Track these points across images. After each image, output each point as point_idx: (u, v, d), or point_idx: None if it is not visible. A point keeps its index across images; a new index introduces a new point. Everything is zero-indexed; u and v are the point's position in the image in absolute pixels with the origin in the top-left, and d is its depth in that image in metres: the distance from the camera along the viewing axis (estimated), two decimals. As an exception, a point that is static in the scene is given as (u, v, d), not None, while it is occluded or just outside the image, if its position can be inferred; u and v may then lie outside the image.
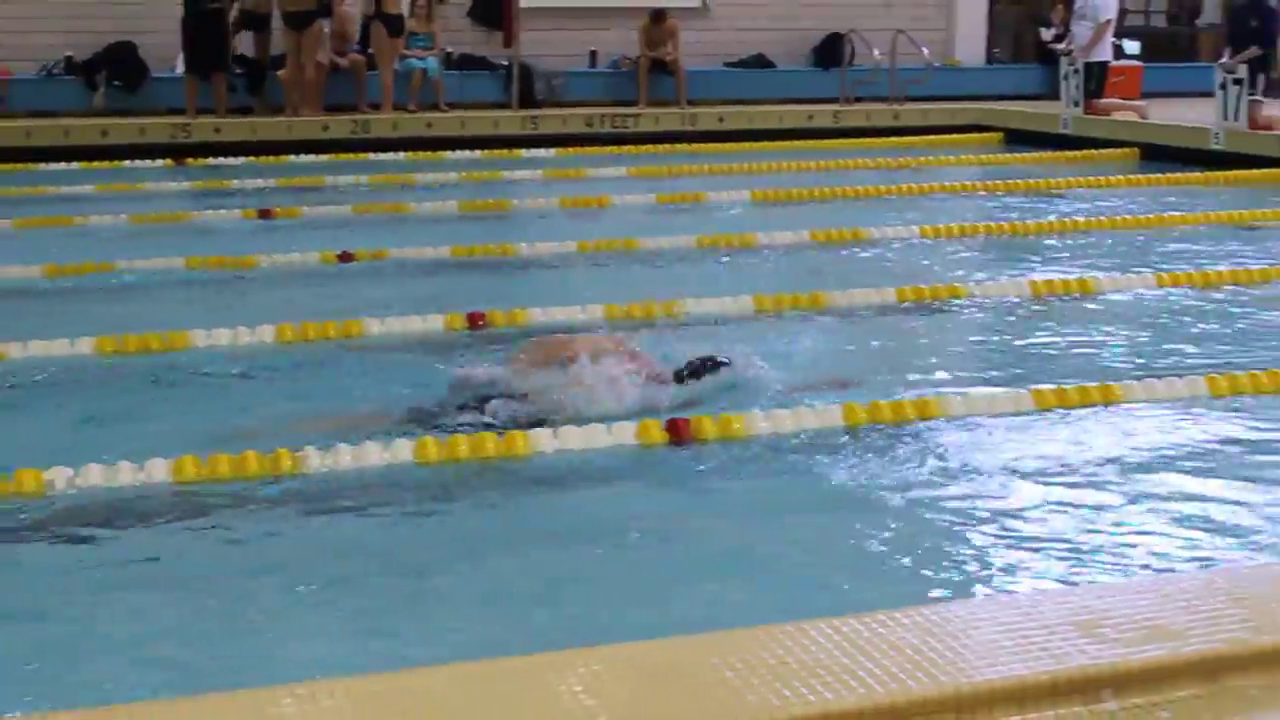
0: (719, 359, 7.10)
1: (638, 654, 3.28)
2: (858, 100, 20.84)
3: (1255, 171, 15.79)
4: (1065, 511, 5.66)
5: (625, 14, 21.04)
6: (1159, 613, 3.48)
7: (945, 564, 5.15)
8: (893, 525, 5.56)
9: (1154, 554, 5.25)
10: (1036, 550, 5.27)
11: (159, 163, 17.05)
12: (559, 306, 8.84)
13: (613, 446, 6.34)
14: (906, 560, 5.20)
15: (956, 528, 5.48)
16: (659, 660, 3.23)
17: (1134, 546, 5.31)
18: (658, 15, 20.58)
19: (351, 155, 17.35)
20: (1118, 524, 5.53)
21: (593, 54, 21.61)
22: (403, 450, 6.15)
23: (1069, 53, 19.37)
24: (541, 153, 17.92)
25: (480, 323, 8.60)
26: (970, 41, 23.31)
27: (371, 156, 17.34)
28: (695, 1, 22.01)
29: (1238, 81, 16.73)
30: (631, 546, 5.38)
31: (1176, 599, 3.57)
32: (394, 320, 8.56)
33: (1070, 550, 5.26)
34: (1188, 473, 6.12)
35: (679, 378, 6.99)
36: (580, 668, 3.17)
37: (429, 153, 17.61)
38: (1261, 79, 16.95)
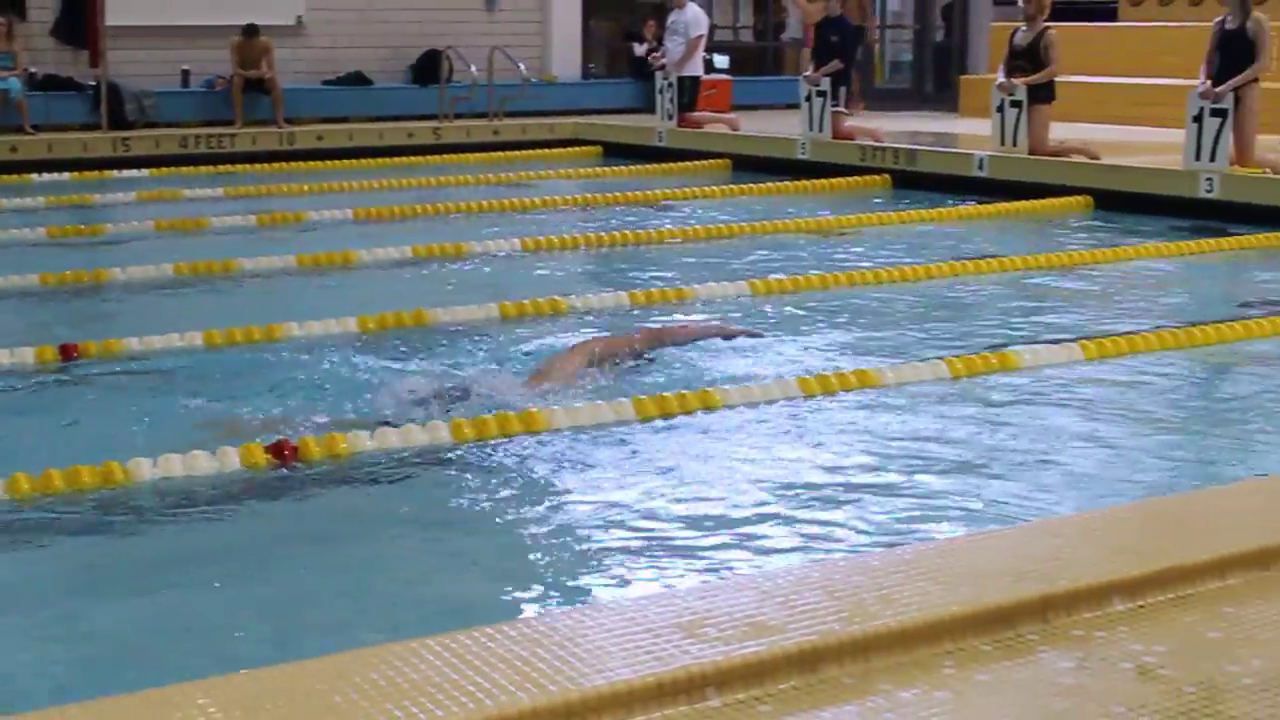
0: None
1: (245, 684, 3.22)
2: (457, 116, 20.88)
3: (839, 180, 16.48)
4: (669, 515, 5.79)
5: (216, 32, 20.54)
6: (758, 609, 3.60)
7: (552, 574, 5.21)
8: (499, 538, 5.61)
9: (754, 552, 5.41)
10: (641, 555, 5.38)
11: None
12: (156, 335, 8.59)
13: (216, 472, 6.20)
14: (514, 572, 5.24)
15: (563, 538, 5.54)
16: (268, 689, 3.18)
17: (735, 545, 5.47)
18: (250, 32, 20.19)
19: (-71, 182, 16.54)
20: (719, 524, 5.68)
21: (185, 73, 21.04)
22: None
23: (662, 67, 19.83)
24: (135, 174, 17.39)
25: (73, 354, 8.28)
26: (566, 57, 23.61)
27: (-49, 183, 16.56)
28: (290, 19, 21.69)
29: (821, 94, 17.43)
30: (235, 574, 5.26)
31: (775, 595, 3.70)
32: (-21, 353, 8.19)
33: (673, 553, 5.39)
34: (783, 471, 6.34)
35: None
36: (186, 702, 3.10)
37: (14, 177, 16.90)
38: (843, 91, 17.68)
